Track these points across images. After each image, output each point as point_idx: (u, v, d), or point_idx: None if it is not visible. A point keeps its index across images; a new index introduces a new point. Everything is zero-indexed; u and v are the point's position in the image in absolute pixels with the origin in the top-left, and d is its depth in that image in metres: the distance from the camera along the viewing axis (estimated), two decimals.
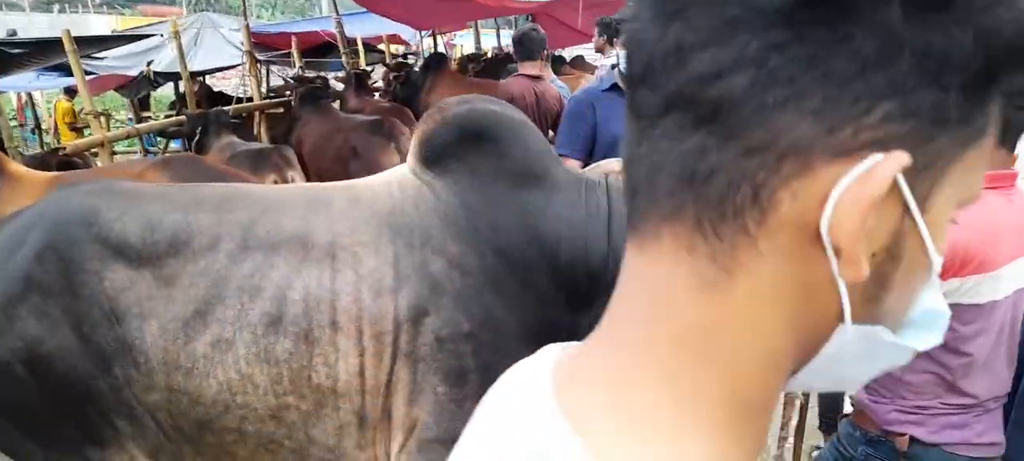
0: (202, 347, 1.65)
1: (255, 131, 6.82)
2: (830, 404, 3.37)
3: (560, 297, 1.72)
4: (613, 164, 2.05)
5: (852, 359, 0.42)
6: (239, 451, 1.75)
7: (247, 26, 7.25)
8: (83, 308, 1.62)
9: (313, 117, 6.10)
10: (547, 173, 1.75)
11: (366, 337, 1.67)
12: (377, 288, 1.66)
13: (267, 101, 7.16)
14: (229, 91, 11.52)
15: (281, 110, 7.10)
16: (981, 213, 1.54)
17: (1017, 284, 1.61)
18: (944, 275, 1.53)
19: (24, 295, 1.63)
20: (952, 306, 1.59)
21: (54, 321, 1.63)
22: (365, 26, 10.33)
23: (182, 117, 6.15)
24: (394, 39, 11.49)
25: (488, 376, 1.52)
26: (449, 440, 1.65)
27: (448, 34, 14.72)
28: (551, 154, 1.83)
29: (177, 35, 6.55)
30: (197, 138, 5.52)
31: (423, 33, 12.31)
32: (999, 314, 1.61)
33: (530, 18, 11.27)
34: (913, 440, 1.64)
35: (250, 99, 7.23)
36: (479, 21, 12.49)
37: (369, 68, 9.08)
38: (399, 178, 1.82)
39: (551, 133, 4.43)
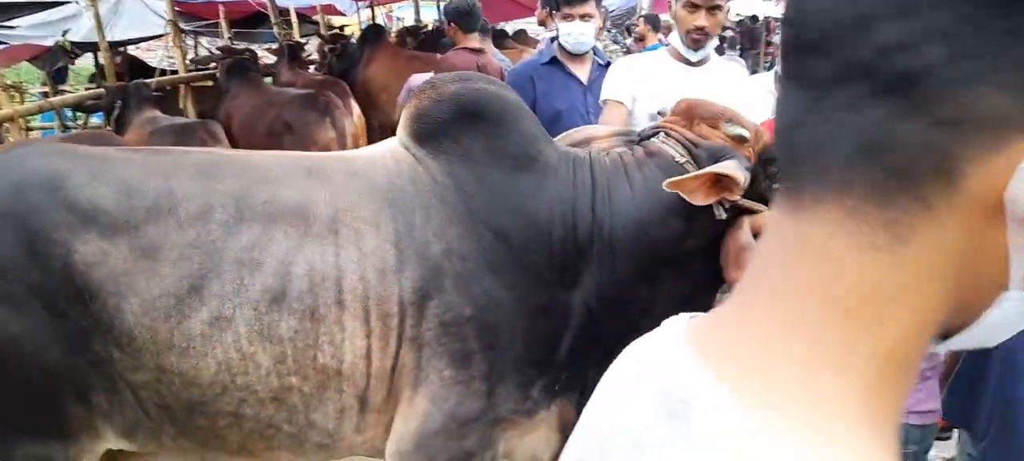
0: (198, 325, 1.52)
1: (181, 105, 6.48)
2: None
3: (554, 275, 1.74)
4: (594, 131, 2.06)
5: (1013, 322, 0.44)
6: (231, 436, 1.64)
7: None
8: (54, 283, 1.45)
9: (242, 91, 5.83)
10: (540, 154, 1.74)
11: (373, 318, 1.62)
12: (381, 268, 1.62)
13: (193, 74, 6.80)
14: (154, 63, 10.95)
15: (210, 83, 6.77)
16: None
17: None
18: None
19: None
20: None
21: (18, 300, 1.45)
22: None
23: (100, 90, 5.79)
24: (329, 9, 11.11)
25: (493, 355, 1.52)
26: (454, 428, 1.65)
27: (387, 5, 14.34)
28: (544, 134, 1.82)
29: (94, 2, 6.14)
30: (117, 113, 5.21)
31: (360, 4, 11.96)
32: None
33: None
34: None
35: (175, 72, 6.86)
36: None
37: (303, 40, 8.73)
38: (391, 150, 1.78)
39: None
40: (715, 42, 2.75)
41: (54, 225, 1.45)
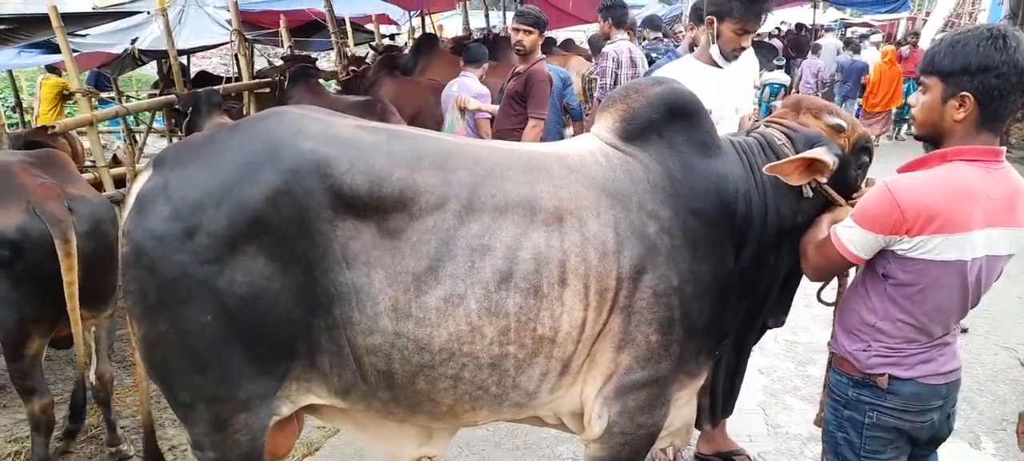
0: (434, 300, 1.75)
1: (244, 111, 6.72)
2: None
3: (732, 249, 2.02)
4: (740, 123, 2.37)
5: None
6: (444, 399, 1.87)
7: (235, 3, 7.10)
8: (316, 253, 1.70)
9: (305, 96, 6.04)
10: (718, 142, 2.05)
11: (591, 293, 1.85)
12: (602, 249, 1.86)
13: (257, 80, 7.04)
14: (209, 70, 11.28)
15: (267, 91, 7.00)
16: (951, 180, 1.72)
17: (987, 250, 1.75)
18: (908, 231, 1.71)
19: (255, 234, 1.67)
20: (920, 261, 1.70)
21: (286, 262, 1.70)
22: (354, 5, 10.20)
23: (172, 97, 6.05)
24: (383, 19, 11.36)
25: (687, 324, 1.73)
26: (653, 381, 1.97)
27: (436, 15, 14.56)
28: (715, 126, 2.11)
29: (164, 12, 6.41)
30: (187, 119, 5.43)
31: (411, 14, 12.18)
32: (967, 272, 1.76)
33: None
34: (892, 378, 1.88)
35: (238, 79, 7.11)
36: (468, 1, 12.38)
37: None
38: (599, 148, 2.04)
39: None
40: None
41: (322, 206, 1.70)
